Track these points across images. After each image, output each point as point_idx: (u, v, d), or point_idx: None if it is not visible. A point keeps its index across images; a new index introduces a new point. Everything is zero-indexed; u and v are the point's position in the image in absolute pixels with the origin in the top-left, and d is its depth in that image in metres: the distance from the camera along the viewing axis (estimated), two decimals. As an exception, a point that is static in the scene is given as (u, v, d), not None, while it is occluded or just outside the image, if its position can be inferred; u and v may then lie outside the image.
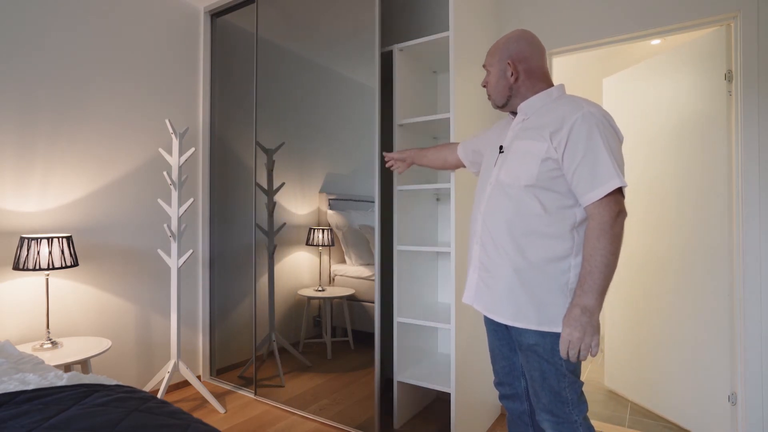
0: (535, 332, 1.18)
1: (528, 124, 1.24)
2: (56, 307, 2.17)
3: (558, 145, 1.13)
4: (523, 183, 1.17)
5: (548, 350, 1.17)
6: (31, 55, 2.09)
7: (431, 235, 2.50)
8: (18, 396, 0.97)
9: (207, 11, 2.84)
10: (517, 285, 1.19)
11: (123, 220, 2.43)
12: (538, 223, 1.16)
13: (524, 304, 1.18)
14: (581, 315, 1.08)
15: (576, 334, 1.08)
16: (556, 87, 1.27)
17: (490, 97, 1.35)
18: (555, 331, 1.15)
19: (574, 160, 1.11)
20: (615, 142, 1.12)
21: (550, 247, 1.15)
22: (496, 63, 1.30)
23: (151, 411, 1.04)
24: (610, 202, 1.08)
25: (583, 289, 1.09)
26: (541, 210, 1.16)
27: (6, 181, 2.00)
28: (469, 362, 2.06)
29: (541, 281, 1.16)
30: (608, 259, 1.07)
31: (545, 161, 1.15)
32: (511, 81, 1.27)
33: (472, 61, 2.11)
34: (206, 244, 2.84)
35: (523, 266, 1.18)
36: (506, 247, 1.20)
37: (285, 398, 2.44)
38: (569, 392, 1.18)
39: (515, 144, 1.24)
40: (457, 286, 1.95)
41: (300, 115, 2.46)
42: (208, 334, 2.84)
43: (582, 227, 1.16)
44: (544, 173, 1.15)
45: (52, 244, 1.93)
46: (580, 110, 1.13)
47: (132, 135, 2.47)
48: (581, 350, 1.09)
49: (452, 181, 1.95)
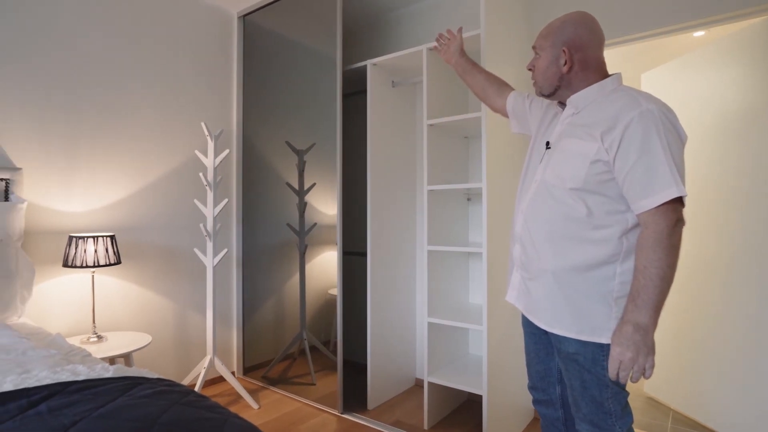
0: (575, 340, 1.12)
1: (577, 119, 1.15)
2: (101, 303, 2.27)
3: (610, 147, 1.03)
4: (569, 186, 1.09)
5: (589, 360, 1.11)
6: (76, 64, 2.20)
7: (462, 235, 2.48)
8: (70, 386, 1.03)
9: (240, 15, 2.91)
10: (555, 289, 1.13)
11: (162, 219, 2.52)
12: (581, 228, 1.09)
13: (562, 310, 1.13)
14: (634, 333, 0.99)
15: (628, 354, 1.00)
16: (611, 78, 1.15)
17: (536, 83, 1.24)
18: (596, 341, 1.08)
19: (626, 163, 1.01)
20: (676, 145, 1.01)
21: (593, 253, 1.08)
22: (549, 47, 1.18)
23: (191, 404, 1.07)
24: (668, 210, 0.99)
25: (636, 304, 1.00)
26: (586, 214, 1.08)
27: (55, 183, 2.12)
28: (501, 364, 2.03)
29: (580, 287, 1.09)
30: (664, 272, 0.98)
31: (594, 163, 1.06)
32: (563, 70, 1.16)
33: (504, 58, 2.08)
34: (239, 243, 2.92)
35: (561, 270, 1.11)
36: (545, 250, 1.14)
37: (316, 396, 2.48)
38: (612, 403, 1.11)
39: (562, 142, 1.15)
40: (489, 287, 1.93)
41: (330, 117, 2.49)
42: (241, 331, 2.91)
43: (633, 233, 1.07)
44: (593, 176, 1.06)
45: (97, 243, 2.02)
46: (636, 108, 1.02)
47: (169, 138, 2.57)
48: (634, 371, 1.00)
49: (484, 181, 1.93)
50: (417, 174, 2.79)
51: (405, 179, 2.70)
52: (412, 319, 2.75)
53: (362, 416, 2.30)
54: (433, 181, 2.21)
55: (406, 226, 2.70)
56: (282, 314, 2.74)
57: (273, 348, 2.78)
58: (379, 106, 2.50)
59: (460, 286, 2.45)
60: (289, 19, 2.69)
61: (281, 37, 2.74)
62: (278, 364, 2.74)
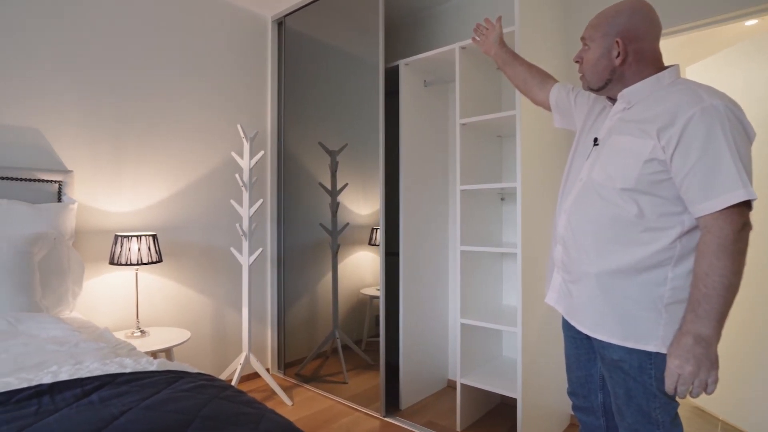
0: (620, 347, 1.06)
1: (630, 115, 1.07)
2: (143, 299, 2.37)
3: (667, 145, 0.96)
4: (620, 185, 1.03)
5: (635, 368, 1.05)
6: (121, 71, 2.30)
7: (495, 235, 2.44)
8: (118, 377, 1.08)
9: (274, 20, 2.97)
10: (599, 293, 1.07)
11: (200, 219, 2.61)
12: (631, 230, 1.02)
13: (606, 315, 1.07)
14: (695, 345, 0.92)
15: (688, 367, 0.93)
16: (668, 70, 1.06)
17: (583, 77, 1.17)
18: (643, 349, 1.02)
19: (686, 163, 0.94)
20: (743, 143, 0.92)
21: (642, 256, 1.01)
22: (599, 38, 1.10)
23: (230, 399, 1.10)
24: (733, 214, 0.91)
25: (697, 314, 0.93)
26: (637, 216, 1.01)
27: (102, 185, 2.23)
28: (536, 367, 1.99)
29: (628, 292, 1.03)
30: (729, 281, 0.91)
31: (649, 162, 0.99)
32: (615, 63, 1.08)
33: (541, 56, 2.03)
34: (274, 242, 2.98)
35: (606, 273, 1.05)
36: (590, 252, 1.08)
37: (348, 395, 2.50)
38: (660, 414, 1.05)
39: (613, 138, 1.08)
40: (524, 288, 1.89)
41: (362, 117, 2.50)
42: (275, 329, 2.97)
43: (688, 237, 0.99)
44: (647, 176, 0.99)
45: (140, 242, 2.11)
46: (698, 103, 0.94)
47: (207, 140, 2.65)
48: (694, 387, 0.93)
49: (518, 181, 1.89)
50: (449, 174, 2.77)
51: (437, 179, 2.69)
52: (444, 319, 2.73)
53: (395, 417, 2.31)
54: (466, 181, 2.19)
55: (438, 226, 2.68)
56: (315, 313, 2.78)
57: (306, 346, 2.83)
58: (412, 106, 2.50)
59: (493, 287, 2.42)
60: (322, 22, 2.72)
61: (314, 39, 2.78)
62: (311, 362, 2.78)
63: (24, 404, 0.93)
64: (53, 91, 2.07)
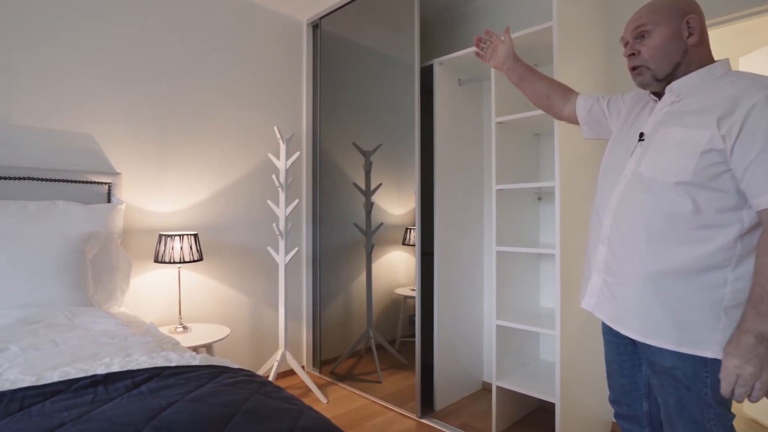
0: (672, 353, 1.00)
1: (680, 107, 1.03)
2: (185, 296, 2.46)
3: (728, 134, 0.91)
4: (673, 179, 0.98)
5: (689, 375, 0.99)
6: (162, 75, 2.40)
7: (532, 236, 2.39)
8: (164, 370, 1.13)
9: (309, 23, 3.02)
10: (651, 296, 1.02)
11: (238, 219, 2.69)
12: (686, 227, 0.97)
13: (660, 319, 1.01)
14: (756, 345, 0.87)
15: (749, 368, 0.87)
16: (720, 62, 1.02)
17: (642, 69, 1.09)
18: (699, 354, 0.97)
19: (748, 153, 0.89)
20: None
21: (699, 255, 0.96)
22: (665, 21, 1.04)
23: (269, 395, 1.13)
24: None
25: (759, 312, 0.88)
26: (693, 212, 0.96)
27: (147, 186, 2.33)
28: (576, 371, 1.93)
29: (684, 294, 0.98)
30: None
31: (707, 153, 0.94)
32: (688, 43, 1.02)
33: (581, 52, 1.97)
34: (309, 242, 3.03)
35: (662, 275, 1.00)
36: (642, 252, 1.03)
37: (382, 394, 2.51)
38: (715, 425, 0.99)
39: (662, 131, 1.04)
40: (563, 290, 1.84)
41: (396, 117, 2.51)
42: (311, 327, 3.01)
43: (751, 235, 0.95)
44: (704, 168, 0.95)
45: (183, 241, 2.19)
46: (762, 89, 0.90)
47: (244, 142, 2.72)
48: (755, 389, 0.88)
49: (557, 180, 1.84)
50: (484, 173, 2.73)
51: (472, 178, 2.66)
52: (479, 321, 2.69)
53: (430, 418, 2.30)
54: (502, 180, 2.16)
55: (473, 226, 2.65)
56: (349, 312, 2.81)
57: (340, 345, 2.86)
58: (446, 105, 2.48)
59: (530, 288, 2.37)
60: (357, 23, 2.75)
61: (349, 40, 2.80)
62: (345, 360, 2.81)
63: (82, 392, 0.99)
64: (104, 98, 2.18)
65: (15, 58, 1.94)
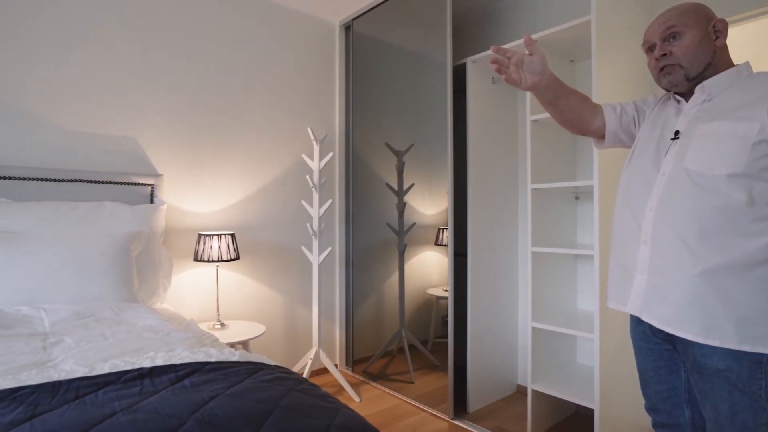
0: (727, 354, 0.97)
1: (714, 105, 1.05)
2: (222, 294, 2.54)
3: None
4: (725, 171, 0.96)
5: (744, 377, 0.95)
6: (200, 79, 2.48)
7: (569, 236, 2.33)
8: (205, 366, 1.17)
9: (341, 24, 3.05)
10: (708, 293, 0.98)
11: (273, 219, 2.75)
12: (741, 220, 0.95)
13: (719, 317, 0.97)
14: None
15: None
16: (743, 64, 1.07)
17: (676, 66, 1.10)
18: (761, 351, 0.93)
19: None
20: None
21: (756, 248, 0.94)
22: (694, 24, 1.08)
23: (305, 392, 1.15)
24: None
25: None
26: (747, 203, 0.94)
27: (187, 188, 2.41)
28: (615, 376, 1.87)
29: (744, 289, 0.95)
30: None
31: (758, 144, 0.93)
32: (717, 45, 1.08)
33: (620, 47, 1.91)
34: (342, 242, 3.06)
35: (717, 270, 0.97)
36: (695, 248, 1.00)
37: (415, 394, 2.50)
38: None
39: (702, 127, 1.04)
40: (602, 292, 1.78)
41: (429, 117, 2.50)
42: (344, 326, 3.04)
43: None
44: (756, 160, 0.94)
45: (220, 240, 2.26)
46: None
47: (279, 143, 2.78)
48: None
49: (595, 179, 1.79)
50: (519, 172, 2.68)
51: (506, 178, 2.61)
52: (513, 322, 2.65)
53: (463, 419, 2.27)
54: (538, 179, 2.11)
55: (507, 226, 2.61)
56: (382, 312, 2.82)
57: (373, 344, 2.87)
58: (479, 104, 2.45)
59: (567, 290, 2.31)
60: (389, 23, 2.75)
61: (381, 41, 2.82)
62: (378, 360, 2.82)
63: (130, 384, 1.04)
64: (146, 103, 2.28)
65: (67, 68, 2.05)
